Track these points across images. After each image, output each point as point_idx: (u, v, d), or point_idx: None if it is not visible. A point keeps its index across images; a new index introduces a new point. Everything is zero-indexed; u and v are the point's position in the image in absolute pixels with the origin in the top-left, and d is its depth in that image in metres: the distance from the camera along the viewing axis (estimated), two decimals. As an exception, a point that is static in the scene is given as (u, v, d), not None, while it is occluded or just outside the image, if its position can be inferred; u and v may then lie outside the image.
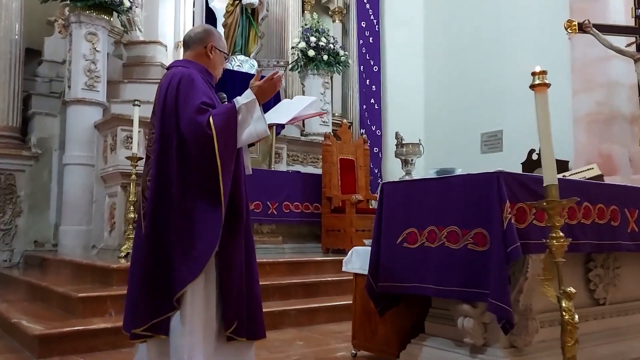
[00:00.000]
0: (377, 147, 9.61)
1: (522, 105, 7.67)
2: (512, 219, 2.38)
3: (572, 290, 2.00)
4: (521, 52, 8.06)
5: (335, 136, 7.39)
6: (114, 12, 6.60)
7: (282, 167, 7.54)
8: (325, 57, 8.32)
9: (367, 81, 9.92)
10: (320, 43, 8.28)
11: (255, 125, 2.25)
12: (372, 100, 9.90)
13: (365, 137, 7.99)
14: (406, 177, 5.16)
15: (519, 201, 2.47)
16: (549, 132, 2.07)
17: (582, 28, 6.30)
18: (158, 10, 7.62)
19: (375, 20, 10.11)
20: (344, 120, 9.08)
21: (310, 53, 8.23)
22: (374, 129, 9.78)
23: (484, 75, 8.73)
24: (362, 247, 3.37)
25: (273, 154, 7.32)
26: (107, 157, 6.29)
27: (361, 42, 9.97)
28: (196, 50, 2.47)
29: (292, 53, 8.66)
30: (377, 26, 10.12)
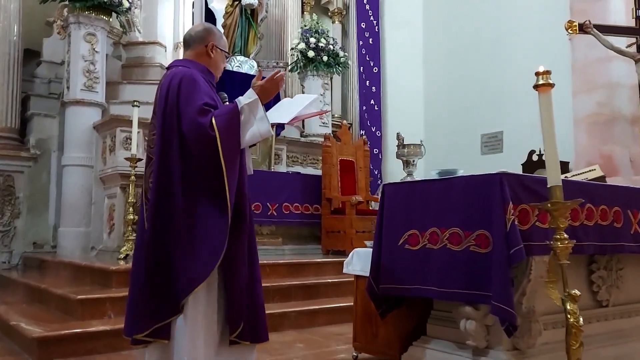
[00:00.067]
0: (377, 148, 9.59)
1: (522, 106, 7.68)
2: (515, 221, 2.36)
3: (577, 292, 1.98)
4: (521, 53, 8.05)
5: (335, 137, 7.37)
6: (113, 13, 6.57)
7: (281, 168, 7.52)
8: (325, 58, 8.29)
9: (367, 82, 9.89)
10: (320, 44, 8.26)
11: (258, 125, 2.22)
12: (372, 101, 9.88)
13: (365, 138, 7.98)
14: (408, 178, 5.14)
15: (521, 202, 2.45)
16: (553, 133, 2.05)
17: (582, 29, 6.28)
18: (157, 11, 7.60)
19: (375, 21, 10.08)
20: (344, 122, 9.06)
21: (310, 54, 8.21)
22: (373, 130, 9.75)
23: (484, 76, 8.71)
24: (363, 249, 3.34)
25: (273, 155, 7.31)
26: (106, 158, 6.27)
27: (361, 43, 9.94)
28: (197, 49, 2.44)
29: (292, 54, 8.64)
30: (376, 27, 10.09)
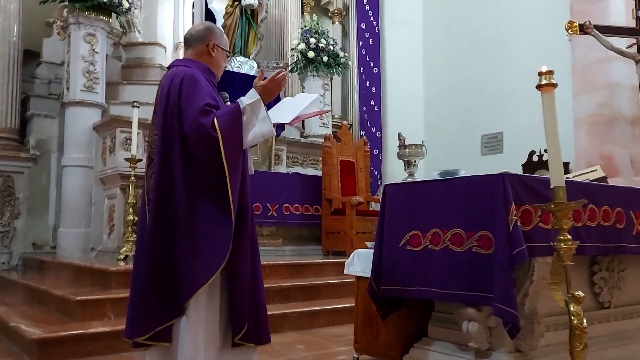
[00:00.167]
0: (377, 149, 9.57)
1: (522, 106, 7.67)
2: (517, 221, 2.34)
3: (581, 294, 1.97)
4: (521, 53, 8.04)
5: (335, 138, 7.37)
6: (113, 14, 6.57)
7: (281, 169, 7.51)
8: (325, 59, 8.28)
9: (367, 83, 9.88)
10: (320, 44, 8.24)
11: (260, 125, 2.20)
12: (372, 102, 9.86)
13: (366, 138, 7.97)
14: (409, 178, 5.12)
15: (524, 203, 2.43)
16: (556, 133, 2.04)
17: (582, 29, 6.26)
18: (157, 12, 7.58)
19: (375, 22, 10.07)
20: (344, 122, 9.05)
21: (310, 54, 8.20)
22: (374, 130, 9.74)
23: (484, 76, 8.70)
24: (364, 250, 3.32)
25: (273, 155, 7.30)
26: (106, 158, 6.25)
27: (361, 43, 9.93)
28: (197, 48, 2.42)
29: (292, 55, 8.63)
30: (376, 27, 10.08)
